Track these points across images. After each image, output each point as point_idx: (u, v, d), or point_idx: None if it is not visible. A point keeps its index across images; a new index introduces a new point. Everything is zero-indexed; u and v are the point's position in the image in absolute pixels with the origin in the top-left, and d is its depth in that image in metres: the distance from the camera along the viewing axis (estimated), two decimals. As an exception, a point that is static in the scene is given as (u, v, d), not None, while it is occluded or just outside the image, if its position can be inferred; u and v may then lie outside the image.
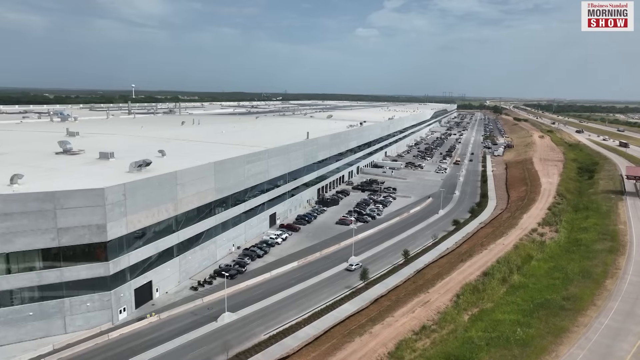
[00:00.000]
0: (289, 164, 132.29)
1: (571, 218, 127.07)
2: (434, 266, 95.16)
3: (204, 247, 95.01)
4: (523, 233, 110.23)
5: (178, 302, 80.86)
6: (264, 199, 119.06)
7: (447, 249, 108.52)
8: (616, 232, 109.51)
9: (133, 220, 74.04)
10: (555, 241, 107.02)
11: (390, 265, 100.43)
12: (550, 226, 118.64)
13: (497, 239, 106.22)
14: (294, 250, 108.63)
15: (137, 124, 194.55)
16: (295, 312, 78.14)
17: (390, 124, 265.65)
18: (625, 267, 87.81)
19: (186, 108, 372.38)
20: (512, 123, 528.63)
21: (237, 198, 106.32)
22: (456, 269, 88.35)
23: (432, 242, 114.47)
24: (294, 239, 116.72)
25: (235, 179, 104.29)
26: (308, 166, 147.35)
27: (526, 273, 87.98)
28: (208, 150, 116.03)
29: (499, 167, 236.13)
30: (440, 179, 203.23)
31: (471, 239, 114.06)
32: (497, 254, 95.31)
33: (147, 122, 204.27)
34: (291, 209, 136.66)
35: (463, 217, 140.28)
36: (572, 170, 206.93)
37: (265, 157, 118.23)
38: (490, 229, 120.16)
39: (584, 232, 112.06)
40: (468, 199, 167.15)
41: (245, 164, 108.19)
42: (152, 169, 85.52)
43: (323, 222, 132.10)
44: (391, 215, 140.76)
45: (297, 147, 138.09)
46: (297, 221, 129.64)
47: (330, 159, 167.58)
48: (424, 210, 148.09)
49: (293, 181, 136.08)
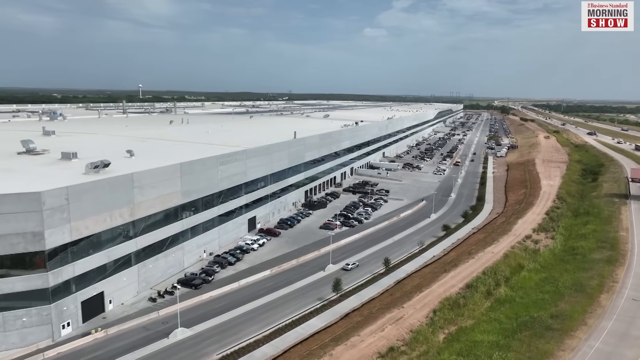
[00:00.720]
0: (271, 165, 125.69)
1: (570, 224, 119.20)
2: (416, 276, 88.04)
3: (168, 254, 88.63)
4: (516, 240, 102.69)
5: (132, 315, 74.52)
6: (241, 202, 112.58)
7: (434, 256, 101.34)
8: (616, 240, 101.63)
9: (79, 226, 67.77)
10: (550, 249, 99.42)
11: (370, 274, 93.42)
12: (546, 232, 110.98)
13: (487, 246, 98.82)
14: (270, 257, 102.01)
15: (126, 123, 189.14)
16: (258, 328, 71.48)
17: (389, 123, 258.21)
18: (623, 280, 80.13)
19: (184, 108, 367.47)
20: (518, 123, 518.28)
21: (209, 201, 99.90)
22: (437, 281, 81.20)
23: (418, 249, 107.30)
24: (272, 245, 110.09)
25: (206, 181, 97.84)
26: (294, 167, 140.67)
27: (514, 285, 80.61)
28: (185, 150, 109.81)
29: (500, 169, 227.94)
30: (437, 181, 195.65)
31: (460, 246, 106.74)
32: (484, 264, 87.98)
33: (136, 122, 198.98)
34: (274, 212, 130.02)
35: (456, 221, 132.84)
36: (575, 172, 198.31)
37: (243, 157, 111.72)
38: (482, 235, 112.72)
39: (582, 239, 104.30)
40: (464, 202, 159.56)
41: (218, 165, 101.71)
42: (112, 170, 79.33)
43: (306, 227, 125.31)
44: (380, 219, 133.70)
45: (281, 148, 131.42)
46: (278, 225, 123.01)
47: (320, 159, 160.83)
48: (415, 214, 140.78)
49: (276, 183, 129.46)
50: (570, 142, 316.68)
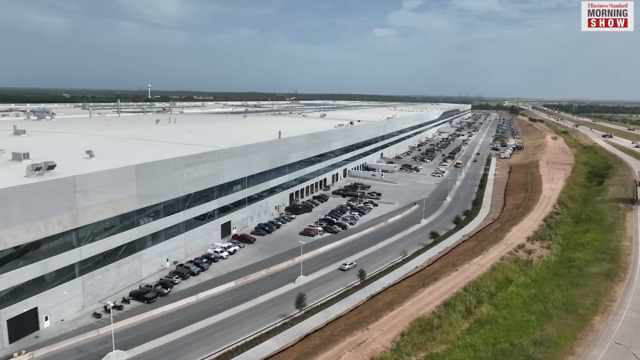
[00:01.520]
0: (249, 166, 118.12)
1: (569, 231, 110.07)
2: (391, 291, 79.80)
3: (122, 263, 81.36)
4: (507, 250, 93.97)
5: (69, 333, 67.26)
6: (212, 206, 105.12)
7: (416, 267, 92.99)
8: (618, 251, 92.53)
9: (3, 236, 60.66)
10: (543, 261, 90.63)
11: (344, 287, 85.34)
12: (542, 241, 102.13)
13: (474, 257, 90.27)
14: (239, 267, 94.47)
15: (113, 122, 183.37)
16: (205, 351, 63.82)
17: (387, 123, 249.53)
18: (622, 298, 71.29)
19: (183, 107, 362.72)
20: (527, 124, 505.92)
21: (173, 206, 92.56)
22: (413, 297, 72.95)
23: (401, 259, 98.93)
24: (244, 253, 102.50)
25: (169, 184, 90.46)
26: (277, 169, 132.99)
27: (499, 303, 72.12)
28: (158, 150, 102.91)
29: (502, 171, 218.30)
30: (434, 183, 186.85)
31: (447, 255, 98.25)
32: (467, 278, 79.52)
33: (123, 121, 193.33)
34: (252, 217, 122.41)
35: (447, 227, 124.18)
36: (580, 174, 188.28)
37: (214, 159, 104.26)
38: (472, 244, 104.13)
39: (580, 249, 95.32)
40: (460, 206, 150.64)
41: (184, 167, 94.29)
42: (58, 173, 72.26)
43: (286, 232, 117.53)
44: (366, 225, 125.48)
45: (261, 148, 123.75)
46: (255, 231, 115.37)
47: (308, 160, 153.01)
48: (405, 220, 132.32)
49: (255, 186, 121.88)
50: (578, 143, 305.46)
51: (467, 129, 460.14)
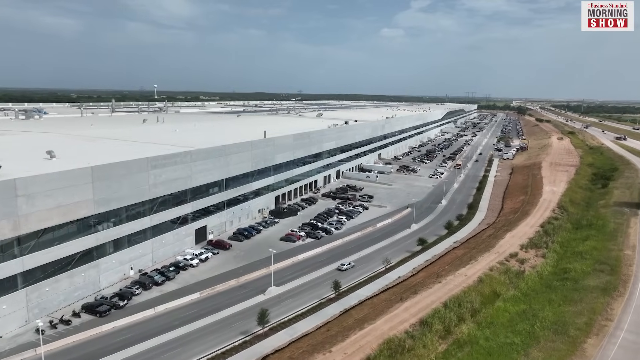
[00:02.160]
0: (228, 168, 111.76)
1: (567, 238, 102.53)
2: (367, 305, 72.97)
3: (75, 273, 75.22)
4: (497, 259, 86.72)
5: (4, 353, 61.09)
6: (185, 210, 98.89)
7: (399, 277, 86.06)
8: (619, 261, 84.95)
9: None
10: (537, 271, 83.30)
11: (318, 299, 78.67)
12: (537, 249, 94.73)
13: (461, 267, 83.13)
14: (208, 276, 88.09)
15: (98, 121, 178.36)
16: (150, 374, 57.45)
17: (386, 123, 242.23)
18: (620, 316, 63.95)
19: (180, 107, 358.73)
20: (533, 124, 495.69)
21: (138, 211, 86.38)
22: (387, 313, 66.06)
23: (384, 267, 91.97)
24: (217, 260, 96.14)
25: (133, 187, 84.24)
26: (261, 170, 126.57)
27: (482, 321, 65.05)
28: (129, 150, 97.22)
29: (503, 172, 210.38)
30: (431, 185, 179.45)
31: (433, 264, 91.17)
32: (450, 291, 72.48)
33: (109, 121, 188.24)
34: (232, 221, 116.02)
35: (439, 233, 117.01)
36: (584, 176, 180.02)
37: (187, 160, 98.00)
38: (462, 252, 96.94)
39: (578, 258, 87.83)
40: (455, 209, 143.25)
41: (151, 169, 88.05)
42: (4, 175, 66.34)
43: (266, 238, 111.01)
44: (353, 230, 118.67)
45: (241, 148, 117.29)
46: (233, 236, 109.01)
47: (295, 161, 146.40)
48: (395, 224, 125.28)
49: (235, 188, 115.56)
50: (585, 144, 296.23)
51: (472, 130, 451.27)
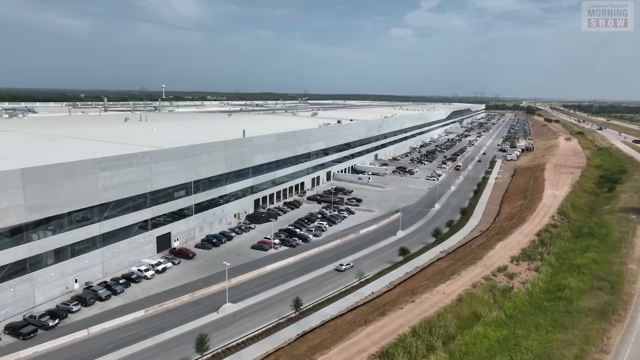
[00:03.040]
0: (197, 169, 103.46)
1: (565, 249, 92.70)
2: (328, 328, 63.98)
3: (3, 288, 67.17)
4: (483, 274, 77.25)
5: None
6: (144, 216, 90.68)
7: (372, 293, 77.03)
8: (621, 277, 75.11)
9: None
10: (527, 288, 73.78)
11: (277, 319, 69.88)
12: (530, 261, 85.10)
13: (440, 282, 73.82)
14: (162, 290, 79.73)
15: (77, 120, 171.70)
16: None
17: (383, 122, 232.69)
18: (617, 348, 54.32)
19: (177, 106, 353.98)
20: (541, 124, 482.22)
21: (84, 217, 78.24)
22: (345, 339, 57.09)
23: (357, 281, 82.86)
24: (176, 271, 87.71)
25: (77, 192, 76.06)
26: (237, 172, 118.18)
27: (456, 350, 55.76)
28: (90, 151, 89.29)
29: (505, 174, 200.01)
30: (426, 188, 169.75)
31: (413, 278, 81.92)
32: (423, 312, 63.29)
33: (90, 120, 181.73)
34: (202, 227, 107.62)
35: (426, 241, 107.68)
36: (590, 179, 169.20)
37: (146, 161, 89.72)
38: (446, 264, 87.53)
39: (575, 273, 78.05)
40: (448, 214, 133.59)
41: (100, 171, 79.81)
42: None
43: (237, 246, 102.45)
44: (333, 237, 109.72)
45: (213, 148, 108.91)
46: (201, 244, 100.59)
47: (279, 162, 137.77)
48: (380, 231, 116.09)
49: (206, 191, 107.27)
50: (594, 145, 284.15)
51: (478, 130, 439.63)
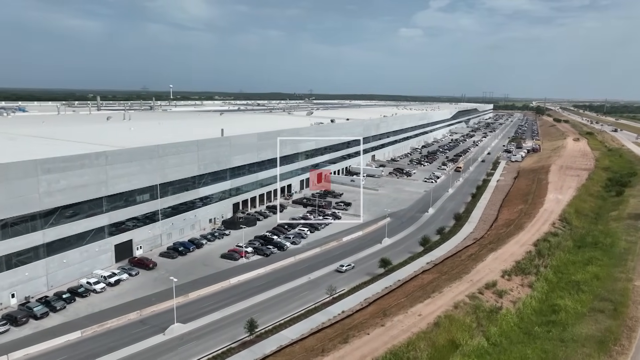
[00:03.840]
0: (164, 171, 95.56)
1: (565, 261, 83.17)
2: (282, 356, 55.41)
3: None
4: (468, 291, 68.16)
5: None
6: (99, 222, 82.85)
7: (342, 312, 68.33)
8: (626, 296, 65.65)
9: None
10: (517, 309, 64.62)
11: (229, 342, 61.50)
12: (524, 276, 75.85)
13: (418, 302, 64.89)
14: (110, 305, 71.75)
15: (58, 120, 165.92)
16: None
17: (381, 122, 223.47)
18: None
19: (175, 105, 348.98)
20: (550, 124, 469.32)
21: (25, 224, 70.47)
22: (295, 375, 48.40)
23: (329, 298, 74.11)
24: (131, 284, 79.65)
25: (13, 197, 68.43)
26: (213, 173, 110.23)
27: (425, 389, 46.85)
28: (40, 151, 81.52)
29: (508, 176, 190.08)
30: (422, 191, 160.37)
31: (389, 295, 73.02)
32: (392, 339, 54.44)
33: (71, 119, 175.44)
34: (171, 234, 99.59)
35: (414, 250, 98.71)
36: (598, 182, 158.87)
37: (101, 162, 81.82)
38: (431, 277, 78.52)
39: (573, 291, 68.72)
40: (442, 220, 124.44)
41: (42, 174, 72.02)
42: None
43: (205, 254, 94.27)
44: (313, 244, 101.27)
45: (184, 149, 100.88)
46: (166, 252, 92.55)
47: (264, 163, 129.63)
48: (365, 238, 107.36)
49: (175, 195, 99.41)
50: (604, 146, 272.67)
51: (484, 130, 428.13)
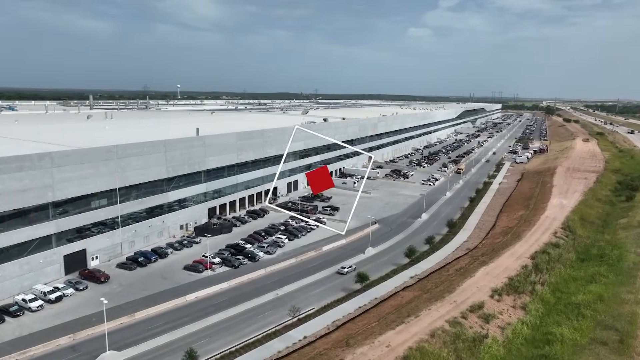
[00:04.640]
0: (124, 174, 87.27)
1: (565, 277, 73.42)
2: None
3: None
4: (450, 314, 58.81)
5: None
6: (44, 230, 74.80)
7: (304, 338, 59.33)
8: (634, 324, 55.97)
9: None
10: (505, 338, 55.14)
11: (166, 376, 52.84)
12: (517, 295, 66.31)
13: (389, 328, 55.68)
14: (44, 327, 63.41)
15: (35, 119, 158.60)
16: None
17: (379, 121, 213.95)
18: None
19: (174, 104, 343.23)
20: (559, 124, 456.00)
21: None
22: None
23: (290, 320, 65.05)
24: (76, 300, 71.35)
25: None
26: (185, 176, 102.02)
27: None
28: None
29: (511, 179, 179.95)
30: (418, 194, 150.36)
31: (361, 317, 63.87)
32: (348, 380, 45.27)
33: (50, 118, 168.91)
34: (134, 242, 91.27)
35: (399, 262, 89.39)
36: (607, 185, 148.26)
37: (46, 164, 73.74)
38: (412, 295, 69.24)
39: (572, 316, 59.11)
40: (436, 226, 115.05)
41: (-31, 177, 63.94)
42: None
43: (168, 266, 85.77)
44: (290, 254, 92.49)
45: (149, 149, 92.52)
46: (125, 263, 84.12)
47: (245, 165, 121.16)
48: (349, 247, 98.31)
49: (139, 200, 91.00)
50: (614, 147, 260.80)
51: (490, 130, 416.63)
